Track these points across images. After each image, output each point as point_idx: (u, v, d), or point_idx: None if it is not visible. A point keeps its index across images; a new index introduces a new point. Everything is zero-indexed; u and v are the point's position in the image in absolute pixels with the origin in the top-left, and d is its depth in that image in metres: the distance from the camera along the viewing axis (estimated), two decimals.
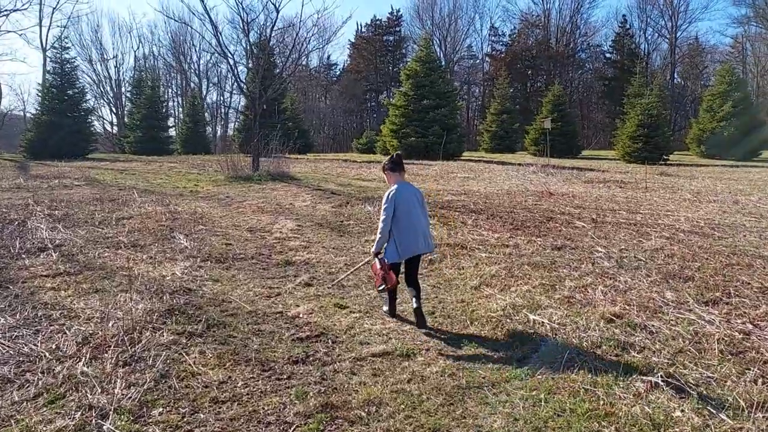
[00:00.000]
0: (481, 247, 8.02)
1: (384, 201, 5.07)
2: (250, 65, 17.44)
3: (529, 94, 61.71)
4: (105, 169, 19.15)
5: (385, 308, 5.38)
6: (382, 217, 5.05)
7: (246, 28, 16.26)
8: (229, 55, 16.84)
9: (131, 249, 7.61)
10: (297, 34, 16.92)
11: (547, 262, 7.19)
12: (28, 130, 27.34)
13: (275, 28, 17.05)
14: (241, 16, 16.23)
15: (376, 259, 5.11)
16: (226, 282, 6.35)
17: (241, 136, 33.06)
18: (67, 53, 28.79)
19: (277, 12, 16.59)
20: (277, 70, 22.87)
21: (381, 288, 5.17)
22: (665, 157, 30.37)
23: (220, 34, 16.33)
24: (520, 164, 22.66)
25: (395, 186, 5.13)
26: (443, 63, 34.15)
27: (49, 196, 12.08)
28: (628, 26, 59.29)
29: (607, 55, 61.73)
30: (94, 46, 56.10)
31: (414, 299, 5.06)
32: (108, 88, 56.63)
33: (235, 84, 17.87)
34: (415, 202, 5.12)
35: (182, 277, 6.37)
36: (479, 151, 41.39)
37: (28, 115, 38.51)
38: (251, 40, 16.97)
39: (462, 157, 30.05)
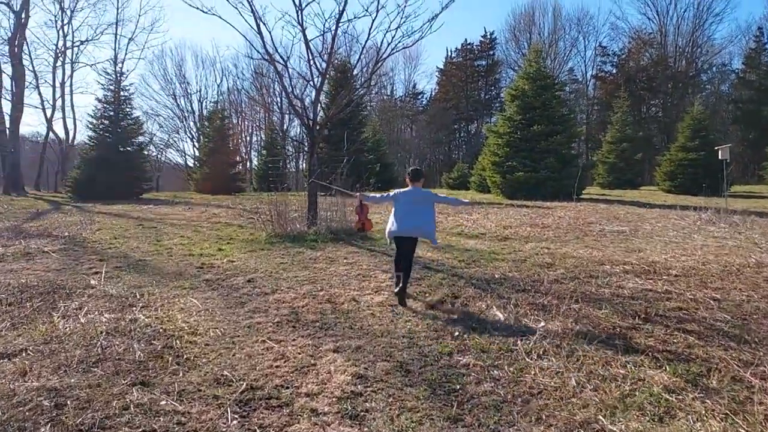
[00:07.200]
0: None
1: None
2: (311, 75, 12.18)
3: (644, 120, 53.93)
4: (128, 219, 14.81)
5: (396, 289, 6.23)
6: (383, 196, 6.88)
7: (300, 17, 11.28)
8: (278, 58, 11.92)
9: None
10: (373, 22, 11.46)
11: None
12: (76, 167, 24.01)
13: (342, 20, 11.69)
14: (294, 1, 11.20)
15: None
16: None
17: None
18: (123, 79, 25.45)
19: None
20: (353, 82, 17.75)
21: (357, 228, 7.98)
22: None
23: (263, 22, 11.16)
24: (686, 208, 16.26)
25: (408, 188, 6.41)
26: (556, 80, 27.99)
27: None
28: (765, 40, 50.48)
29: (740, 74, 52.83)
30: (178, 80, 54.82)
31: (398, 283, 6.11)
32: (191, 123, 55.11)
33: (295, 104, 12.38)
34: (419, 200, 6.29)
35: None
36: (593, 186, 34.72)
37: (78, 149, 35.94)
38: (308, 37, 11.90)
39: (583, 196, 23.87)
